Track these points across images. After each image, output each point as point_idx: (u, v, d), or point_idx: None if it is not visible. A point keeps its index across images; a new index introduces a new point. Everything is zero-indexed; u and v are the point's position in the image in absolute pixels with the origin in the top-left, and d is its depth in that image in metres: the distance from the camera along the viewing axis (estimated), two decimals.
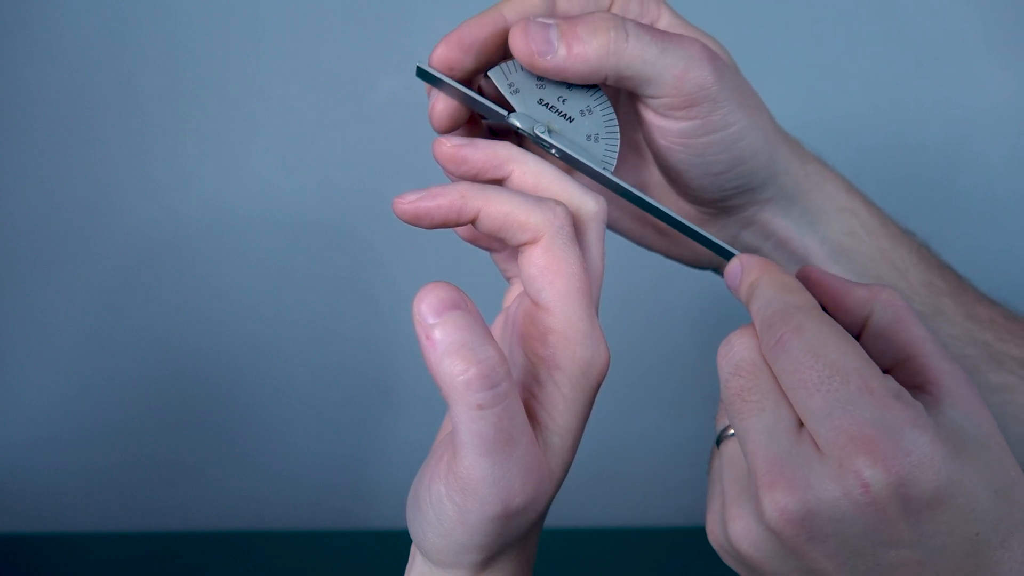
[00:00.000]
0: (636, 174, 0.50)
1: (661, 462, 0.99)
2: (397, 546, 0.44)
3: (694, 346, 0.95)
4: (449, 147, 0.40)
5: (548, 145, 0.42)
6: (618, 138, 0.43)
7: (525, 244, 0.38)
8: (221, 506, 0.98)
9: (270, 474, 0.98)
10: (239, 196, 0.90)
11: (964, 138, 0.90)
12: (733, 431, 0.39)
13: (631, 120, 0.46)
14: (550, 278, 0.38)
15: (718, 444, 0.41)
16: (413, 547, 0.41)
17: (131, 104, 0.87)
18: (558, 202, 0.39)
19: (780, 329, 0.36)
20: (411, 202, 0.39)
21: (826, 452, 0.34)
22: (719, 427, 0.41)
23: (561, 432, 0.39)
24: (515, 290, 0.45)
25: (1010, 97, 0.89)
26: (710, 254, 0.51)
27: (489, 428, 0.35)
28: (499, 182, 0.41)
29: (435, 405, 0.39)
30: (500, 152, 0.40)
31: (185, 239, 0.91)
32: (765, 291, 0.39)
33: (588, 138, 0.42)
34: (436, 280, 0.36)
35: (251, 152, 0.90)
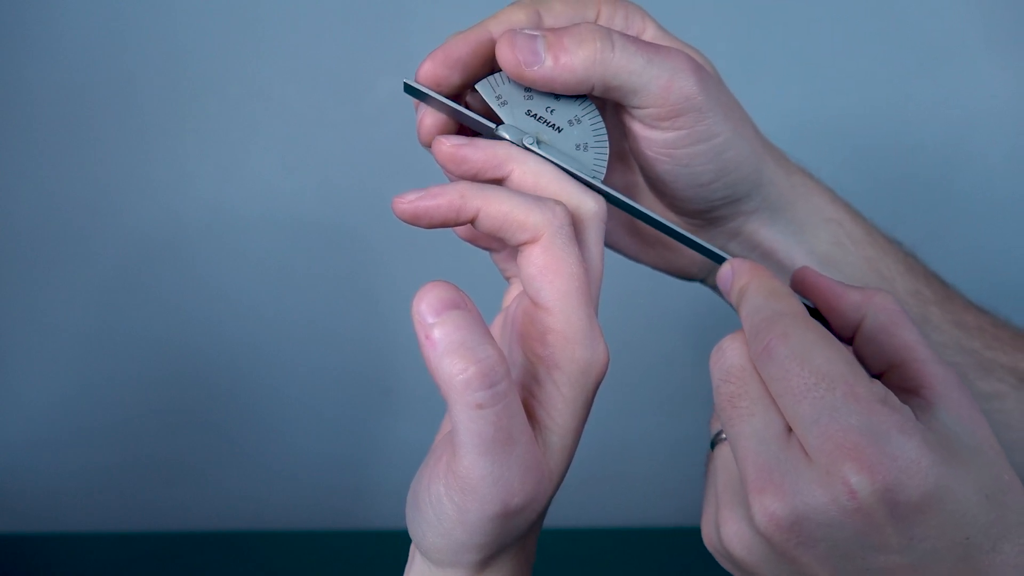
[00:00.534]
0: (625, 184, 0.50)
1: (660, 462, 0.99)
2: (397, 546, 0.44)
3: (694, 345, 0.95)
4: (449, 146, 0.41)
5: (529, 152, 0.42)
6: (607, 147, 0.43)
7: (524, 244, 0.39)
8: (221, 506, 0.98)
9: (270, 474, 0.98)
10: (239, 196, 0.90)
11: (963, 138, 0.90)
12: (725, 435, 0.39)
13: (618, 132, 0.46)
14: (549, 278, 0.38)
15: (712, 448, 0.41)
16: (412, 547, 0.41)
17: (131, 104, 0.87)
18: (558, 202, 0.39)
19: (767, 336, 0.37)
20: (411, 202, 0.39)
21: (814, 458, 0.34)
22: (713, 431, 0.41)
23: (560, 432, 0.39)
24: (515, 290, 0.45)
25: (1009, 97, 0.89)
26: (698, 265, 0.51)
27: (488, 427, 0.35)
28: (499, 182, 0.41)
29: (435, 405, 0.39)
30: (500, 152, 0.41)
31: (185, 239, 0.91)
32: (753, 297, 0.39)
33: (577, 148, 0.42)
34: (436, 280, 0.36)
35: (251, 152, 0.90)
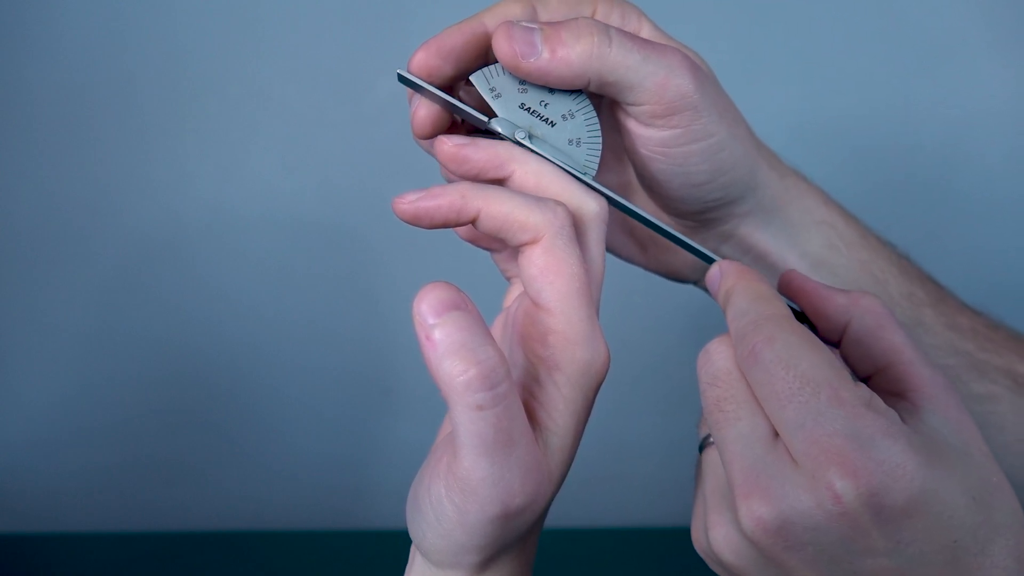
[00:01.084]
0: (619, 183, 0.49)
1: (660, 462, 0.99)
2: (397, 546, 0.44)
3: (693, 345, 0.94)
4: (451, 146, 0.40)
5: (529, 151, 0.42)
6: (600, 142, 0.42)
7: (525, 244, 0.38)
8: (221, 506, 0.98)
9: (270, 474, 0.98)
10: (239, 196, 0.90)
11: (962, 138, 0.90)
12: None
13: (613, 131, 0.46)
14: (550, 278, 0.38)
15: (700, 451, 0.41)
16: (413, 547, 0.41)
17: (131, 104, 0.87)
18: (559, 202, 0.39)
19: (752, 339, 0.37)
20: (411, 202, 0.39)
21: (800, 463, 0.34)
22: (701, 435, 0.41)
23: (561, 433, 0.39)
24: (515, 290, 0.45)
25: (1008, 97, 0.89)
26: (689, 267, 0.51)
27: (489, 429, 0.35)
28: (500, 182, 0.41)
29: (435, 405, 0.39)
30: (501, 152, 0.41)
31: (185, 239, 0.91)
32: (739, 300, 0.39)
33: (570, 143, 0.42)
34: (436, 280, 0.36)
35: (251, 152, 0.90)
